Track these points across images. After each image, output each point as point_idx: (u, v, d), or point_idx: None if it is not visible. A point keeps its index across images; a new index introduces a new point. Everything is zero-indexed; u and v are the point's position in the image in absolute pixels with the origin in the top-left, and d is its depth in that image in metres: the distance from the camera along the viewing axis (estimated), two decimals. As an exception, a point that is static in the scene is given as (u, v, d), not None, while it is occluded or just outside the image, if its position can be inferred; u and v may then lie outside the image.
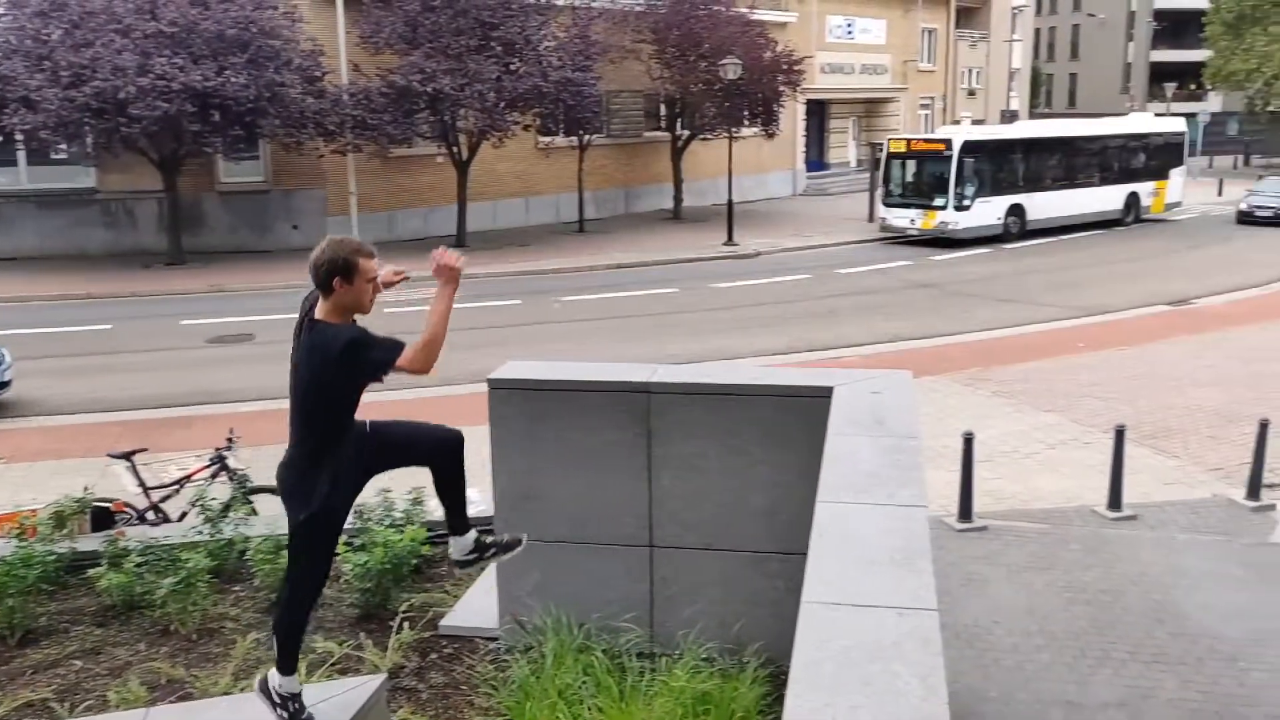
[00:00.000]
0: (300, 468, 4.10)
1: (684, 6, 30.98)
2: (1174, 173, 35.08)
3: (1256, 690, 6.32)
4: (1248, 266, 25.60)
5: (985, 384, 14.87)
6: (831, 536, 4.04)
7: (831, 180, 42.95)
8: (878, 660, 3.05)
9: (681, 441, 5.60)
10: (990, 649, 6.89)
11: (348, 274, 4.01)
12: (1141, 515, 9.92)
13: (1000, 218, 29.61)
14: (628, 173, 35.07)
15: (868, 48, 43.91)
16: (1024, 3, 58.38)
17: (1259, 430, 10.30)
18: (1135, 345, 17.44)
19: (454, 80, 24.39)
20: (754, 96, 31.96)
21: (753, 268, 25.65)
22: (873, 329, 18.61)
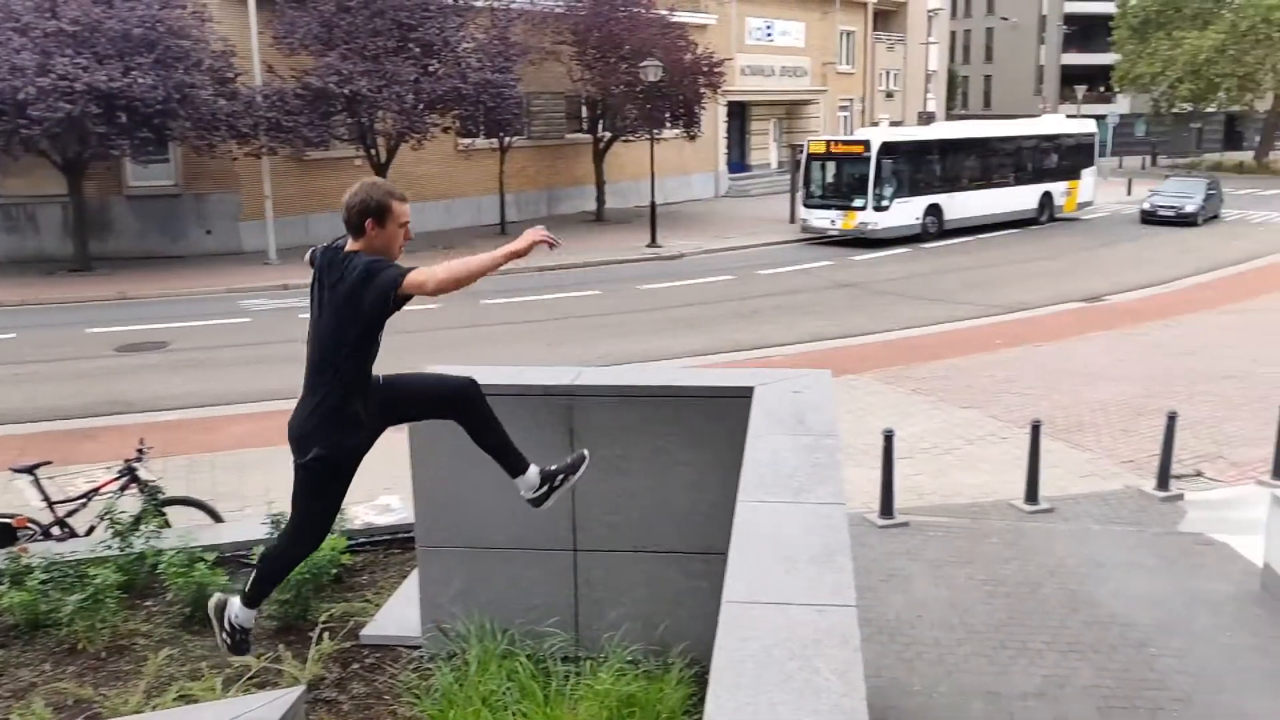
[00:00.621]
0: (314, 412, 4.04)
1: (604, 8, 31.01)
2: (1085, 173, 36.01)
3: (1165, 675, 6.49)
4: (1155, 264, 26.37)
5: (906, 381, 15.09)
6: (752, 536, 4.06)
7: (753, 181, 43.28)
8: (798, 658, 3.05)
9: (606, 444, 5.58)
10: (913, 643, 6.97)
11: (380, 216, 3.99)
12: (1058, 508, 10.14)
13: (919, 218, 30.10)
14: (550, 175, 34.99)
15: (787, 50, 44.34)
16: (939, 6, 59.45)
17: (1167, 423, 10.59)
18: (1050, 342, 17.84)
19: (371, 82, 24.09)
20: (675, 98, 32.10)
21: (677, 269, 25.74)
22: (796, 329, 18.78)
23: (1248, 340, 17.93)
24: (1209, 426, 12.96)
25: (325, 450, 4.03)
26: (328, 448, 4.02)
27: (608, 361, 14.19)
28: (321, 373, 4.03)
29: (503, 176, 30.51)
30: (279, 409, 13.47)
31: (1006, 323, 19.61)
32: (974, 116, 61.52)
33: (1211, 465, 11.66)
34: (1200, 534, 9.48)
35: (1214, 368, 15.89)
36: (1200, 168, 54.63)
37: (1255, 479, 10.98)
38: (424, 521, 5.62)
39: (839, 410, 13.06)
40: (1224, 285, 23.85)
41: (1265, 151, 58.35)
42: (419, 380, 4.48)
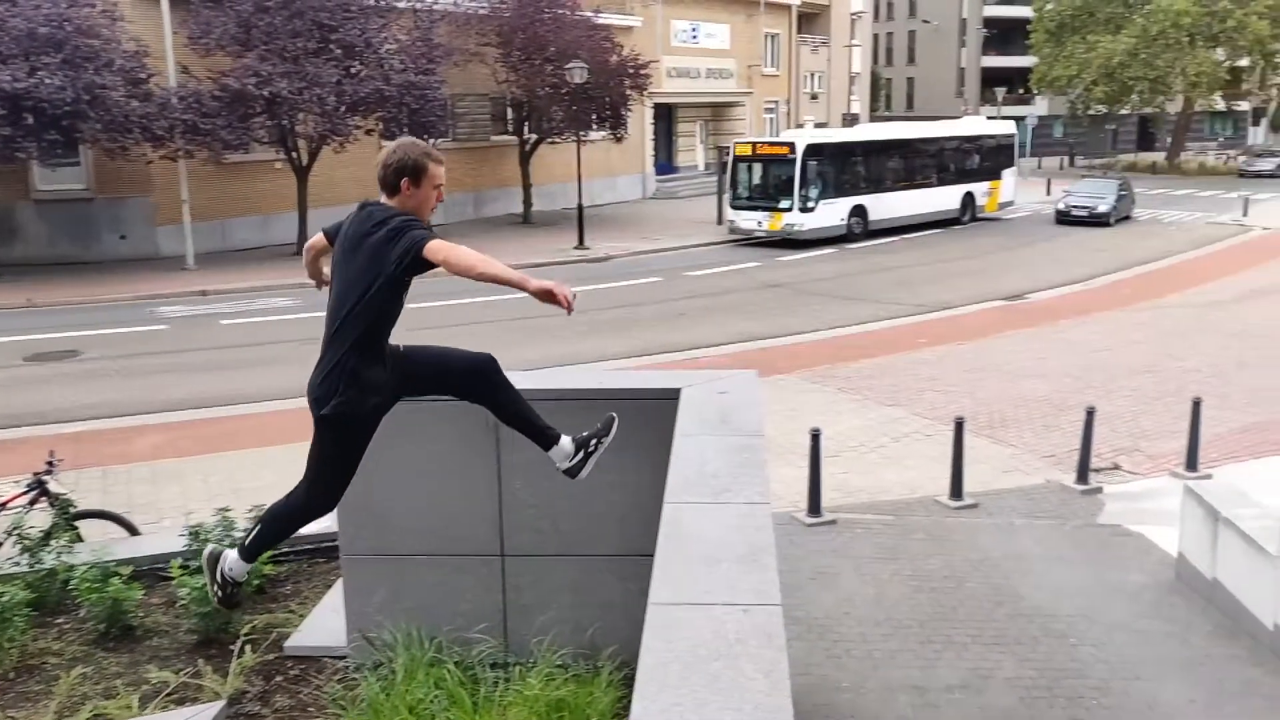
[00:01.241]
0: (331, 370, 3.94)
1: (529, 10, 30.88)
2: (1006, 173, 36.71)
3: (1085, 664, 6.63)
4: (1073, 263, 26.95)
5: (833, 380, 15.23)
6: (678, 537, 4.06)
7: (681, 183, 43.43)
8: (723, 657, 3.07)
9: (532, 448, 5.54)
10: (841, 640, 7.04)
11: (416, 176, 3.94)
12: (981, 503, 10.31)
13: (844, 218, 30.43)
14: (476, 177, 34.73)
15: (713, 52, 44.58)
16: (862, 9, 60.22)
17: (1085, 418, 10.84)
18: (973, 340, 18.14)
19: (291, 83, 23.67)
20: (601, 100, 32.07)
21: (605, 271, 25.71)
22: (725, 329, 18.86)
23: (1161, 336, 18.41)
24: (1125, 421, 13.27)
25: (339, 408, 3.93)
26: (340, 406, 3.92)
27: (535, 365, 14.10)
28: (340, 330, 3.95)
29: (429, 180, 30.21)
30: (196, 419, 13.32)
31: (931, 321, 19.90)
32: (897, 118, 62.46)
33: (1128, 458, 11.95)
34: (1118, 526, 9.72)
35: (1129, 363, 16.29)
36: (1116, 168, 56.02)
37: (1169, 471, 11.27)
38: (348, 530, 5.54)
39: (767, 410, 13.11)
40: (1138, 283, 24.46)
41: (1176, 152, 60.03)
42: (437, 353, 4.41)
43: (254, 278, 23.74)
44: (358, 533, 5.50)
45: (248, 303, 21.51)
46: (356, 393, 3.93)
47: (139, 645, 5.56)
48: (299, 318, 19.87)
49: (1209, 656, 6.81)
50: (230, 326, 19.45)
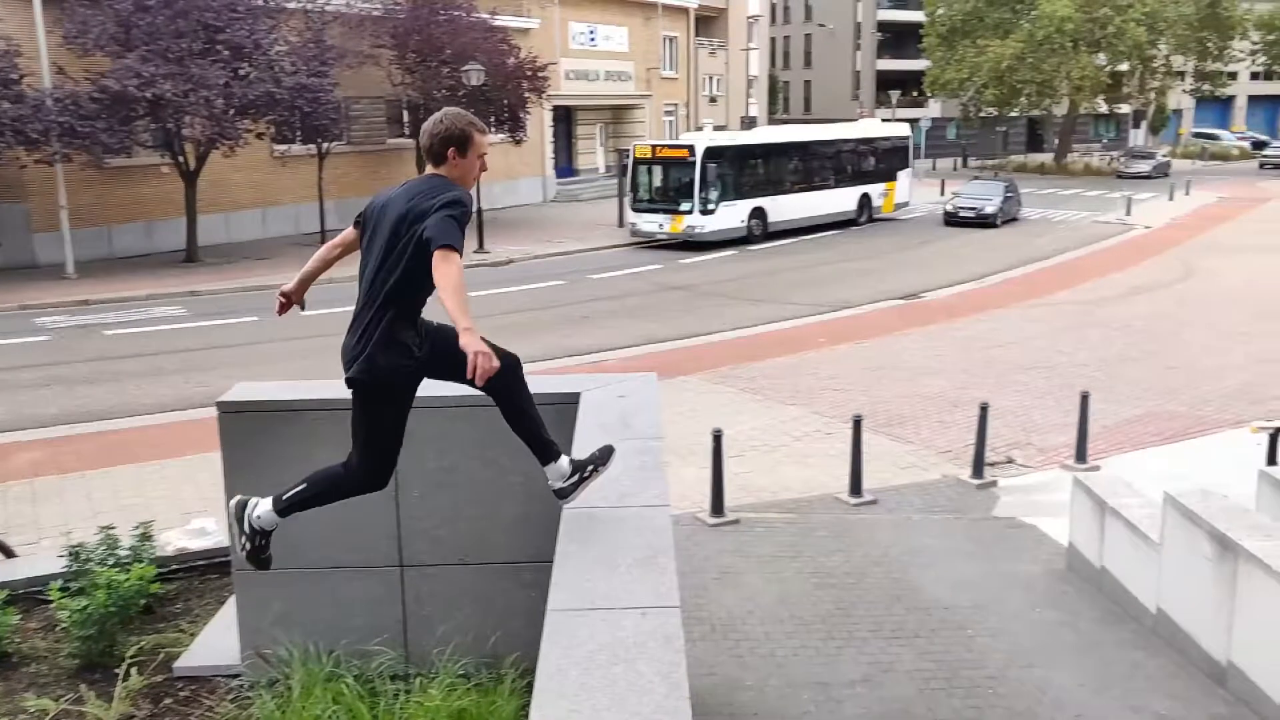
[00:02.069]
0: (363, 334, 3.92)
1: (423, 12, 30.53)
2: (901, 175, 37.48)
3: (981, 654, 6.78)
4: (968, 262, 27.62)
5: (735, 381, 15.35)
6: (576, 542, 4.05)
7: (582, 186, 43.39)
8: (622, 662, 3.06)
9: (430, 456, 5.48)
10: (745, 639, 7.07)
11: (463, 145, 3.95)
12: (881, 499, 10.49)
13: (744, 220, 30.72)
14: (373, 181, 34.08)
15: (611, 54, 44.64)
16: (759, 13, 60.89)
17: (980, 414, 11.10)
18: (872, 338, 18.46)
19: (176, 85, 22.94)
20: (500, 102, 31.91)
21: (505, 275, 25.53)
22: (627, 332, 18.88)
23: (1052, 332, 18.97)
24: (1018, 415, 13.64)
25: (370, 372, 3.92)
26: (372, 369, 3.91)
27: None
28: (376, 291, 3.95)
29: (322, 184, 29.59)
30: (80, 433, 12.84)
31: (831, 321, 20.19)
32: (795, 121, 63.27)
33: (1021, 452, 12.28)
34: (1012, 518, 9.97)
35: (1022, 359, 16.74)
36: (1007, 169, 57.64)
37: (1060, 464, 11.61)
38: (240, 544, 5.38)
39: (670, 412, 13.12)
40: (1029, 280, 25.18)
41: (1063, 153, 61.99)
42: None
43: (140, 286, 23.01)
44: (251, 547, 5.34)
45: (134, 312, 20.84)
46: (389, 355, 3.92)
47: (15, 672, 5.32)
48: (189, 327, 19.34)
49: (1097, 642, 7.01)
50: (115, 337, 18.82)
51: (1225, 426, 13.00)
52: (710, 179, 29.59)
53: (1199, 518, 6.42)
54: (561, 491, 4.35)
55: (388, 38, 30.45)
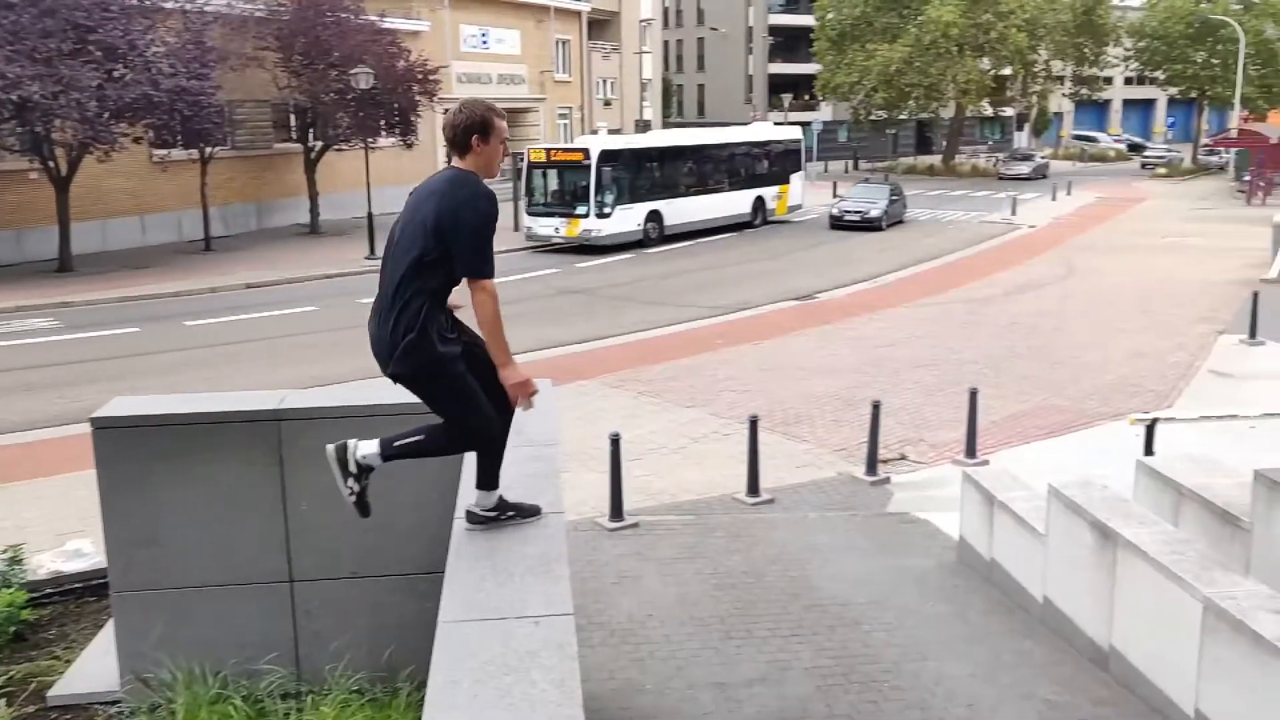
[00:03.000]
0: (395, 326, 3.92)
1: (309, 13, 29.81)
2: (794, 177, 37.98)
3: (877, 649, 6.88)
4: (861, 262, 28.13)
5: (634, 384, 15.36)
6: (468, 552, 4.00)
7: (476, 190, 42.99)
8: (515, 671, 3.05)
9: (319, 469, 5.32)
10: (645, 642, 7.06)
11: (485, 132, 4.05)
12: (778, 498, 10.59)
13: (640, 224, 30.81)
14: (259, 186, 33.40)
15: (503, 58, 44.40)
16: (651, 16, 61.15)
17: (872, 412, 11.29)
18: (768, 339, 18.65)
19: (44, 87, 21.90)
20: (390, 106, 31.40)
21: (400, 281, 25.13)
22: (523, 337, 18.65)
23: (942, 330, 19.41)
24: (910, 412, 13.91)
25: (408, 363, 3.94)
26: (408, 362, 3.94)
27: (327, 381, 13.65)
28: (397, 285, 3.95)
29: (205, 189, 28.73)
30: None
31: (728, 323, 20.35)
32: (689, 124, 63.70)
33: (914, 448, 12.52)
34: (905, 514, 10.16)
35: (913, 357, 17.09)
36: (897, 171, 58.91)
37: (951, 459, 11.87)
38: (118, 564, 5.20)
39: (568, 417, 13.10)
40: (921, 280, 25.74)
41: (951, 155, 63.63)
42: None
43: (8, 297, 22.06)
44: (129, 566, 5.16)
45: (1, 324, 19.98)
46: (420, 346, 3.91)
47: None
48: (61, 340, 18.61)
49: (988, 632, 7.18)
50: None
51: (1106, 419, 13.44)
52: (606, 182, 29.60)
53: (1081, 508, 6.62)
54: (475, 516, 4.22)
55: (272, 39, 29.68)
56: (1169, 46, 61.49)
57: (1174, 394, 14.69)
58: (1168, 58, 62.41)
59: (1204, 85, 62.48)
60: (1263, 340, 17.51)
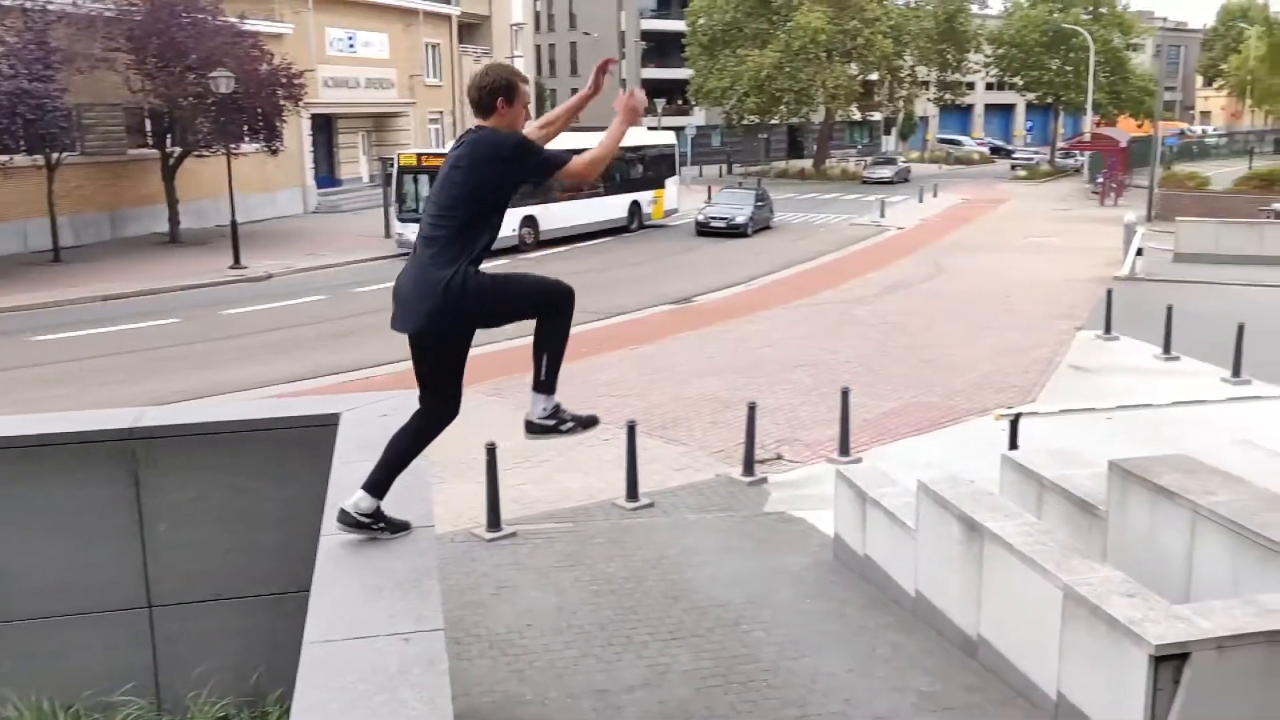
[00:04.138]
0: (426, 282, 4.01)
1: (162, 14, 28.53)
2: (669, 182, 38.25)
3: (755, 648, 6.94)
4: (736, 265, 28.47)
5: (509, 392, 15.16)
6: (336, 570, 3.89)
7: (345, 196, 42.16)
8: (384, 690, 2.98)
9: (178, 488, 5.18)
10: (524, 652, 6.98)
11: (510, 95, 4.13)
12: (657, 502, 10.62)
13: (515, 229, 30.57)
14: (112, 194, 31.98)
15: (372, 61, 43.58)
16: (522, 21, 60.94)
17: (749, 413, 11.41)
18: (647, 343, 18.71)
19: None
20: (253, 111, 30.49)
21: (265, 291, 24.49)
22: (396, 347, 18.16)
23: (816, 331, 19.78)
24: (786, 413, 14.12)
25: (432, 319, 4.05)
26: (432, 318, 4.04)
27: (190, 396, 13.18)
28: (431, 239, 4.07)
29: (52, 197, 27.36)
30: None
31: (606, 327, 20.33)
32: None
33: (789, 448, 12.71)
34: (782, 513, 10.30)
35: (788, 358, 17.36)
36: (770, 175, 59.87)
37: (825, 458, 12.08)
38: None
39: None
40: (795, 282, 26.18)
41: (821, 159, 64.94)
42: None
43: None
44: (-30, 600, 4.87)
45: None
46: (447, 300, 3.98)
47: None
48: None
49: (863, 627, 7.31)
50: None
51: (973, 415, 13.86)
52: (478, 188, 29.28)
53: (949, 503, 6.79)
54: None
55: (123, 40, 28.25)
56: (1026, 54, 64.15)
57: (1036, 389, 15.24)
58: (1025, 64, 65.12)
59: (1059, 91, 65.34)
60: (1117, 335, 18.31)
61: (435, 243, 4.04)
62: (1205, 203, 35.08)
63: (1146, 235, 28.20)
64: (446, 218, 4.06)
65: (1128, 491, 6.98)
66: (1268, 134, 77.37)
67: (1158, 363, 16.56)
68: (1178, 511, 6.51)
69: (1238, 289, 22.88)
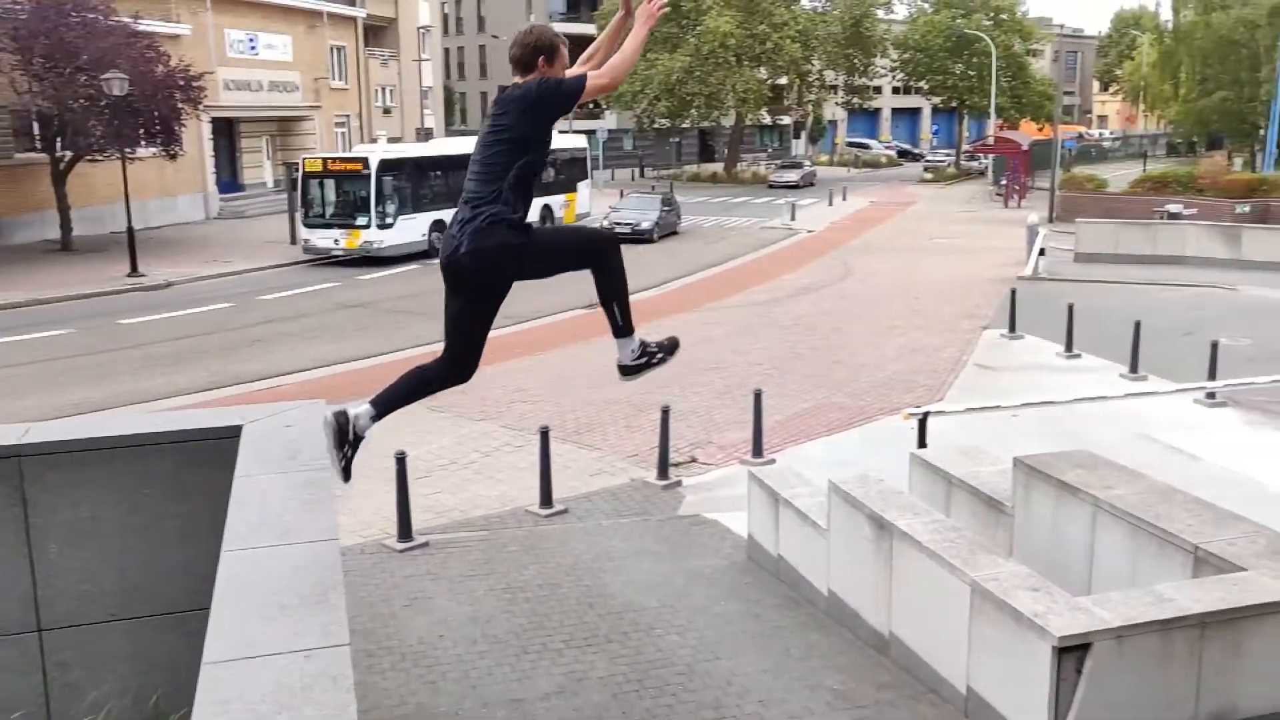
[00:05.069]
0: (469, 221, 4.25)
1: (50, 13, 27.52)
2: (581, 186, 38.19)
3: (669, 652, 6.93)
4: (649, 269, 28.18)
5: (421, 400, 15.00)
6: (235, 587, 3.77)
7: (249, 202, 41.31)
8: (286, 709, 2.89)
9: (69, 507, 4.99)
10: (437, 664, 6.87)
11: (551, 55, 4.36)
12: (571, 508, 10.55)
13: (424, 234, 30.28)
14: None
15: (275, 64, 42.77)
16: (430, 23, 60.29)
17: (662, 416, 11.41)
18: (562, 347, 18.61)
19: None
20: (150, 114, 29.61)
21: (165, 299, 23.82)
22: (304, 355, 18.08)
23: (729, 334, 19.87)
24: (700, 415, 14.16)
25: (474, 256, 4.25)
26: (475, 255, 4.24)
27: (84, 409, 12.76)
28: (475, 184, 4.29)
29: (-66, 202, 26.39)
30: None
31: (522, 331, 20.17)
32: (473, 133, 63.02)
33: (703, 451, 12.74)
34: (697, 515, 10.30)
35: (702, 360, 17.38)
36: (681, 179, 60.20)
37: (739, 459, 12.13)
38: None
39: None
40: (707, 285, 26.31)
41: (732, 163, 65.48)
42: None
43: None
44: None
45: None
46: (490, 238, 4.22)
47: None
48: None
49: (778, 627, 7.34)
50: None
51: (884, 414, 14.04)
52: (387, 192, 28.96)
53: (859, 502, 6.85)
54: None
55: (7, 40, 27.14)
56: (930, 58, 65.58)
57: (944, 387, 15.53)
58: (930, 69, 66.55)
59: (963, 95, 66.91)
60: (1021, 334, 18.74)
61: (480, 195, 4.27)
62: (1103, 204, 36.16)
63: (1048, 236, 28.94)
64: (490, 169, 4.28)
65: (1032, 487, 7.13)
66: (1160, 137, 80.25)
67: (1060, 360, 16.99)
68: (1080, 506, 6.67)
69: (1135, 287, 23.63)
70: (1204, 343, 14.66)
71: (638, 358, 4.93)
